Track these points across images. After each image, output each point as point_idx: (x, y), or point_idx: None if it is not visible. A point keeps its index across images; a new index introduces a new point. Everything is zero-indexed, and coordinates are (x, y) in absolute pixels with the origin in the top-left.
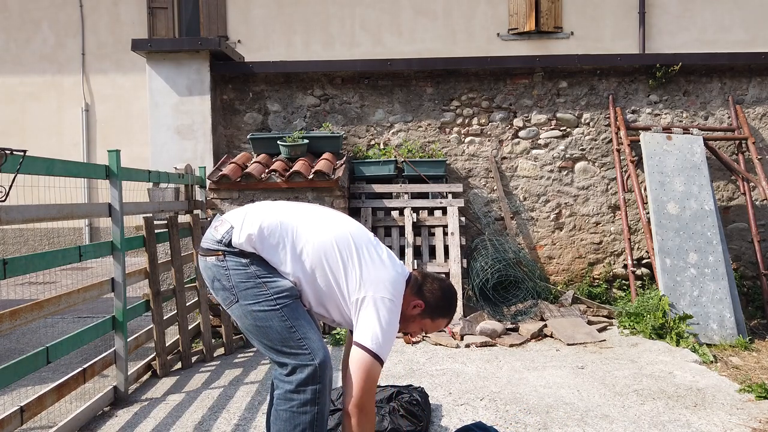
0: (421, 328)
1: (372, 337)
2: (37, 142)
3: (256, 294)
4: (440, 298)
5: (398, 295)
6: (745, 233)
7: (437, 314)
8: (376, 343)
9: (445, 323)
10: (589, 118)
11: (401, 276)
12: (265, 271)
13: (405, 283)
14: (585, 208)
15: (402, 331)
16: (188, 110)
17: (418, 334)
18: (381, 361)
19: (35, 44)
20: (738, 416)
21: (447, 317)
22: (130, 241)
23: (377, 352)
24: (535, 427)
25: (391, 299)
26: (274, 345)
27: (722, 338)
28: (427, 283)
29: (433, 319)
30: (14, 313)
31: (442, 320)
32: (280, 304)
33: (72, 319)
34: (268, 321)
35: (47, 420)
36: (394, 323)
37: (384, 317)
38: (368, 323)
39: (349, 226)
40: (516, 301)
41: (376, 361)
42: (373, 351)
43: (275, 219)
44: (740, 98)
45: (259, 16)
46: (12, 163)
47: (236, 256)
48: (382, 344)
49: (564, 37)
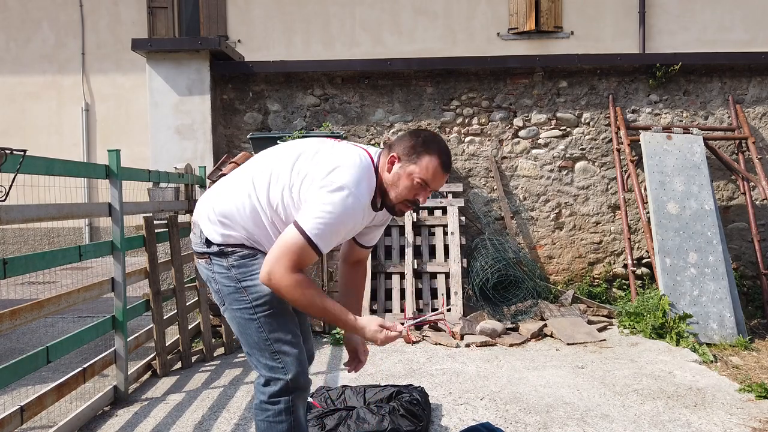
0: (413, 181)
1: (312, 221)
2: (37, 142)
3: (237, 299)
4: (410, 138)
5: (357, 182)
6: (745, 233)
7: (417, 154)
8: (315, 227)
9: (435, 164)
10: (589, 117)
11: (361, 158)
12: (247, 275)
13: (371, 163)
14: (585, 207)
15: (398, 203)
16: (188, 110)
17: (417, 195)
18: (315, 247)
19: (35, 44)
20: (738, 416)
21: (431, 154)
22: (130, 241)
23: (313, 237)
24: (535, 426)
25: (342, 188)
26: (252, 353)
27: (722, 338)
28: (397, 139)
29: (416, 162)
30: (14, 312)
31: (427, 159)
32: (258, 313)
33: (72, 318)
34: (247, 329)
35: (47, 420)
36: (346, 216)
37: (331, 204)
38: (313, 209)
39: (278, 150)
40: (516, 300)
41: (309, 245)
42: (308, 234)
43: (222, 190)
44: (740, 98)
45: (259, 16)
46: (12, 163)
47: (219, 258)
48: (322, 231)
49: (564, 37)
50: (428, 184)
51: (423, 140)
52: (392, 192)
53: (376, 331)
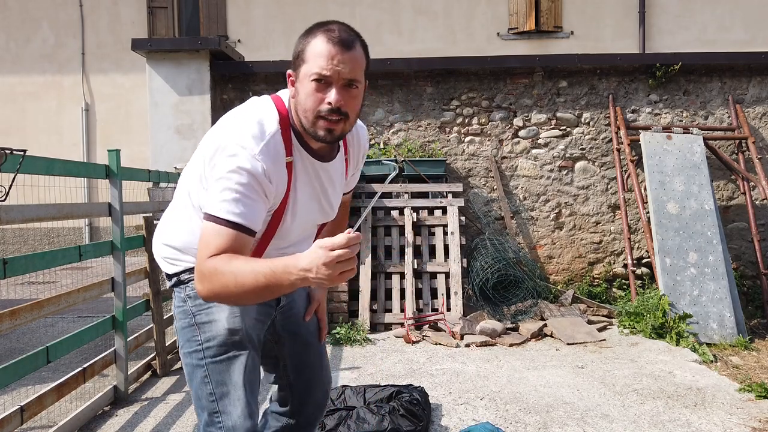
0: (311, 84)
1: (215, 203)
2: (37, 142)
3: (189, 339)
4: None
5: (246, 132)
6: (745, 233)
7: (302, 50)
8: (220, 206)
9: (319, 44)
10: (589, 117)
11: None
12: (203, 308)
13: (272, 104)
14: (585, 207)
15: (313, 121)
16: (188, 110)
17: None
18: (230, 223)
19: (35, 44)
20: (738, 416)
21: (314, 36)
22: (130, 241)
23: (219, 213)
24: (535, 426)
25: (225, 148)
26: (196, 405)
27: (722, 338)
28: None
29: (304, 59)
30: (14, 312)
31: (312, 45)
32: (207, 358)
33: (72, 318)
34: (193, 378)
35: (47, 419)
36: (252, 177)
37: (225, 176)
38: (211, 191)
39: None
40: (516, 300)
41: (221, 224)
42: (214, 214)
43: (168, 214)
44: (740, 98)
45: (259, 16)
46: (12, 163)
47: (178, 288)
48: (230, 204)
49: (564, 37)
50: (325, 74)
51: (304, 32)
52: (301, 116)
53: (317, 259)
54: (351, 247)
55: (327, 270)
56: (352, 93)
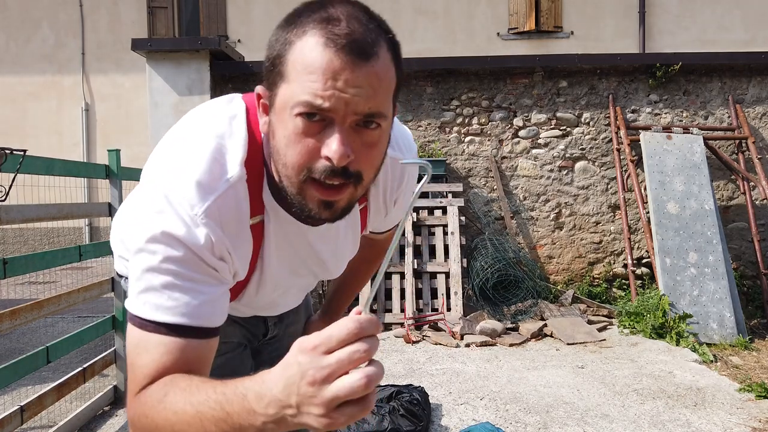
0: (293, 119)
1: (135, 296)
2: (37, 142)
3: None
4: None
5: (186, 190)
6: (745, 233)
7: (278, 57)
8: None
9: (313, 48)
10: (589, 117)
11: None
12: None
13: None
14: (585, 207)
15: (297, 186)
16: (188, 110)
17: (316, 146)
18: (162, 325)
19: (35, 44)
20: (738, 416)
21: (302, 33)
22: None
23: (143, 314)
24: (535, 426)
25: (156, 209)
26: None
27: (722, 338)
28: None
29: (282, 73)
30: (14, 312)
31: (298, 50)
32: None
33: (72, 318)
34: None
35: (47, 419)
36: (185, 262)
37: (146, 251)
38: (131, 274)
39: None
40: (516, 300)
41: (150, 330)
42: (137, 315)
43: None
44: (740, 98)
45: (259, 16)
46: (12, 163)
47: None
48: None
49: (564, 37)
50: (321, 106)
51: (286, 19)
52: (281, 173)
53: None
54: (363, 345)
55: (319, 403)
56: (368, 137)
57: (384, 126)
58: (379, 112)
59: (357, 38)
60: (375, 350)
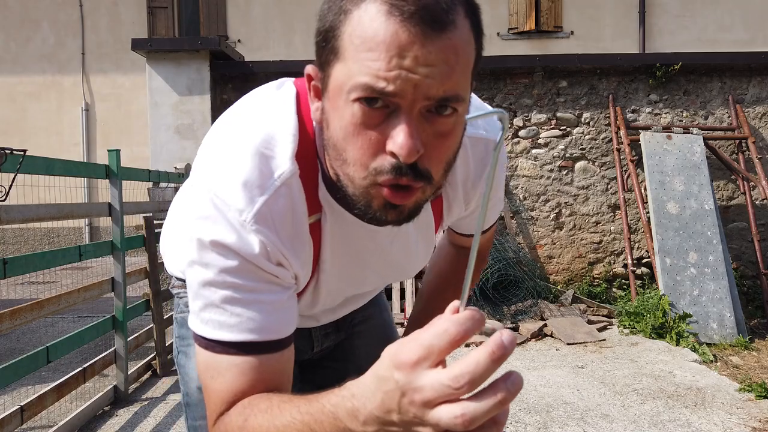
0: (350, 105)
1: (197, 314)
2: (37, 142)
3: (181, 385)
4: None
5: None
6: (745, 233)
7: (332, 32)
8: (204, 321)
9: (374, 18)
10: (589, 117)
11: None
12: (183, 345)
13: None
14: (585, 207)
15: (359, 183)
16: (188, 110)
17: (381, 138)
18: (232, 345)
19: (35, 44)
20: (738, 416)
21: (359, 3)
22: (130, 241)
23: (211, 335)
24: (535, 426)
25: (203, 231)
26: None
27: (722, 338)
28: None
29: (336, 52)
30: (14, 312)
31: (356, 21)
32: (190, 420)
33: (72, 318)
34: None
35: (47, 419)
36: (241, 273)
37: (199, 270)
38: (189, 291)
39: None
40: (516, 300)
41: (220, 352)
42: (203, 335)
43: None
44: (740, 97)
45: (259, 16)
46: (12, 163)
47: (175, 303)
48: (219, 319)
49: (564, 37)
50: (385, 89)
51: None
52: (337, 170)
53: (397, 397)
54: (472, 368)
55: (429, 426)
56: (441, 126)
57: (461, 111)
58: (455, 95)
59: (428, 3)
60: (489, 374)
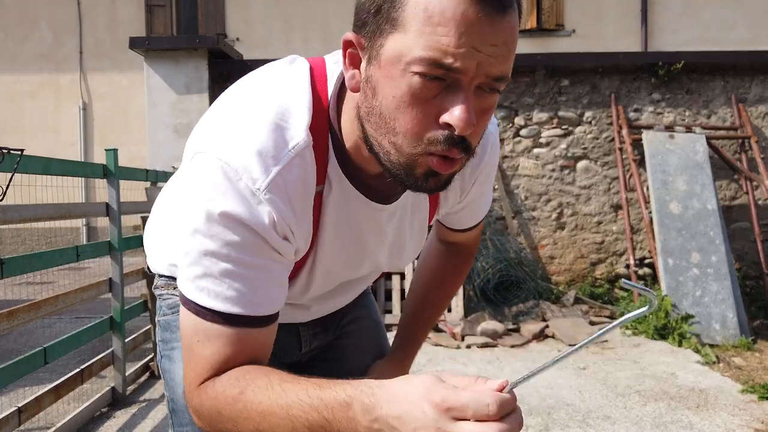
0: (411, 77)
1: (187, 279)
2: (34, 141)
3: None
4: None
5: (242, 166)
6: (748, 233)
7: (393, 4)
8: (195, 286)
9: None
10: (591, 116)
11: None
12: (167, 349)
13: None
14: (587, 207)
15: (411, 154)
16: (186, 108)
17: (442, 108)
18: (220, 315)
19: (32, 42)
20: (741, 417)
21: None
22: (128, 241)
23: (200, 300)
24: (536, 428)
25: (203, 198)
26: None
27: (725, 339)
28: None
29: (396, 21)
30: (11, 313)
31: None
32: (176, 426)
33: (70, 319)
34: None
35: (45, 421)
36: (238, 246)
37: (193, 239)
38: (180, 254)
39: None
40: (517, 301)
41: (207, 319)
42: (192, 300)
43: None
44: (743, 97)
45: (258, 14)
46: (9, 162)
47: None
48: (210, 286)
49: (566, 35)
50: (453, 65)
51: None
52: (382, 140)
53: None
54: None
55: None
56: (486, 103)
57: (500, 92)
58: (507, 75)
59: None
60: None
